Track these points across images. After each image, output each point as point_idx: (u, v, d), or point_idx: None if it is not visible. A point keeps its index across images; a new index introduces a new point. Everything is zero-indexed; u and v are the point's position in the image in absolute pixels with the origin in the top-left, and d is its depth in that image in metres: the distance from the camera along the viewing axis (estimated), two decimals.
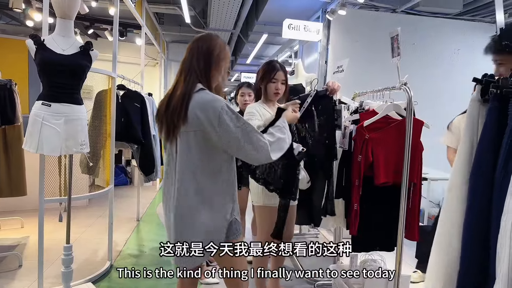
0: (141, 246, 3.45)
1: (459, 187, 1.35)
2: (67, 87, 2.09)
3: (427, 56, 4.65)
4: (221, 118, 1.33)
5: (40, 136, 2.02)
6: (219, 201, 1.43)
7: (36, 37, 2.04)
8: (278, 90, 2.09)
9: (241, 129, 1.34)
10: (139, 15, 4.38)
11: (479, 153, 1.27)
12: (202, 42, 1.44)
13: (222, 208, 1.43)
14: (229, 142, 1.35)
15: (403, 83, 1.82)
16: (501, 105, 1.23)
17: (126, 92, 3.49)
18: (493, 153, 1.22)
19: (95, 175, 3.00)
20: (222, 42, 1.48)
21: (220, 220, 1.43)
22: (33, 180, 2.57)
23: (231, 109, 1.37)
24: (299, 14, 4.85)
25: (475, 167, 1.28)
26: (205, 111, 1.34)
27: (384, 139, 1.92)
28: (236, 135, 1.33)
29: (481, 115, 1.32)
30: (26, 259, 2.89)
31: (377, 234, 2.02)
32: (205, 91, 1.40)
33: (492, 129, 1.23)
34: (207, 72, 1.42)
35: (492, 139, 1.23)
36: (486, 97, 1.31)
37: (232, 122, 1.34)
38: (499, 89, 1.24)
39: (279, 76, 2.09)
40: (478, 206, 1.24)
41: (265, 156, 1.37)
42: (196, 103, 1.36)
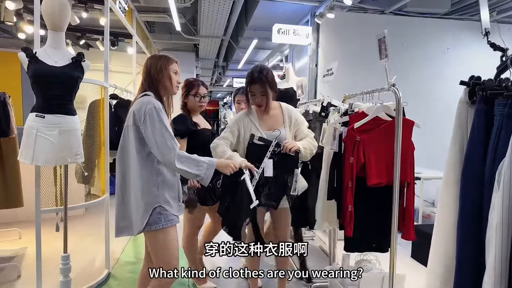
0: (138, 253, 3.46)
1: (452, 185, 1.40)
2: (60, 98, 2.12)
3: (417, 56, 4.72)
4: (145, 117, 1.65)
5: (35, 148, 2.04)
6: (143, 187, 1.69)
7: (28, 49, 2.07)
8: (255, 103, 2.07)
9: (158, 131, 1.63)
10: (130, 24, 4.42)
11: (468, 153, 1.31)
12: (144, 65, 1.83)
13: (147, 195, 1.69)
14: (147, 139, 1.66)
15: (391, 84, 1.84)
16: (487, 107, 1.28)
17: (119, 101, 3.53)
18: (481, 153, 1.27)
19: (90, 184, 3.02)
20: (156, 57, 1.82)
21: (143, 205, 1.68)
22: (30, 191, 2.59)
23: (158, 112, 1.66)
24: (288, 19, 4.91)
25: (465, 167, 1.32)
26: (138, 110, 1.68)
27: (375, 140, 1.94)
28: (151, 135, 1.64)
29: (470, 116, 1.36)
30: (25, 269, 2.89)
31: (371, 235, 2.04)
32: (146, 96, 1.73)
33: (480, 130, 1.28)
34: (153, 83, 1.77)
35: (480, 139, 1.28)
36: (474, 98, 1.34)
37: (151, 124, 1.64)
38: (484, 91, 1.28)
39: (255, 89, 2.04)
40: (470, 204, 1.29)
41: (170, 159, 1.63)
42: (135, 105, 1.72)
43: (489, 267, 1.13)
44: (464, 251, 1.31)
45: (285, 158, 1.99)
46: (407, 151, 1.89)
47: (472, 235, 1.28)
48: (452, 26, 4.87)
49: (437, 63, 4.79)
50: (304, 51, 5.01)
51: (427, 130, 2.12)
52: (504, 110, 1.21)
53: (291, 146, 1.96)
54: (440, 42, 4.82)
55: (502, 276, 1.11)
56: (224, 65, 9.61)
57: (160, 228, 1.70)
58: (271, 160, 1.96)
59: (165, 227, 1.71)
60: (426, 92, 4.60)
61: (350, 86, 2.76)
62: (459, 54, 4.83)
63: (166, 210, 1.72)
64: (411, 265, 3.16)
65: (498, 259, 1.10)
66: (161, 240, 1.72)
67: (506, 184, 1.10)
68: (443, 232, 1.45)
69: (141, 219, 1.68)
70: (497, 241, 1.11)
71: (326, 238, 3.50)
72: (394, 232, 1.86)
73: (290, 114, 2.15)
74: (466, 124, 1.39)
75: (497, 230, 1.11)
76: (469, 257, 1.29)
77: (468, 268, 1.29)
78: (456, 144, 1.41)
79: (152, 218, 1.68)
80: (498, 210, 1.11)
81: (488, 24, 2.98)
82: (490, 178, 1.21)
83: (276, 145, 1.98)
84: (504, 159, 1.13)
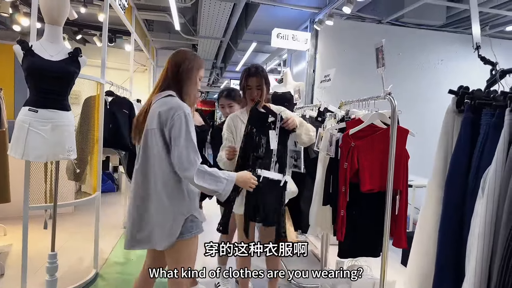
0: (127, 253, 3.41)
1: (435, 192, 1.43)
2: (54, 93, 2.08)
3: (412, 65, 4.80)
4: (173, 122, 1.52)
5: (26, 142, 2.00)
6: (173, 195, 1.57)
7: (24, 42, 2.03)
8: (251, 97, 2.11)
9: (183, 143, 1.51)
10: (129, 21, 4.39)
11: (454, 160, 1.33)
12: (173, 57, 1.67)
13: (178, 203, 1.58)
14: (171, 144, 1.54)
15: (387, 93, 1.86)
16: (475, 116, 1.30)
17: (115, 98, 3.48)
18: (466, 161, 1.29)
19: (82, 181, 2.97)
20: (190, 54, 1.68)
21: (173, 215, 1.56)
22: (17, 187, 2.53)
23: (187, 119, 1.54)
24: (287, 24, 4.93)
25: (450, 174, 1.34)
26: (165, 113, 1.54)
27: (370, 147, 1.95)
28: (174, 144, 1.52)
29: (456, 124, 1.39)
30: (9, 268, 2.82)
31: (363, 241, 2.04)
32: (172, 97, 1.59)
33: (466, 138, 1.30)
34: (179, 82, 1.62)
35: (466, 147, 1.30)
36: (461, 108, 1.37)
37: (178, 132, 1.51)
38: (473, 100, 1.31)
39: (251, 82, 2.10)
40: (452, 211, 1.31)
41: (189, 175, 1.51)
42: (160, 105, 1.57)
43: (469, 274, 1.14)
44: (445, 256, 1.32)
45: (283, 133, 2.00)
46: (400, 159, 1.91)
47: (453, 241, 1.29)
48: (446, 38, 4.95)
49: (432, 73, 4.86)
50: (302, 57, 5.03)
51: (420, 139, 2.14)
52: (491, 120, 1.22)
53: (292, 123, 1.99)
54: (435, 53, 4.90)
55: (482, 283, 1.11)
56: (222, 66, 9.60)
57: (191, 237, 1.60)
58: (274, 131, 1.96)
59: (194, 236, 1.62)
60: (420, 101, 4.65)
61: (346, 92, 2.78)
62: (453, 65, 4.91)
63: (197, 218, 1.63)
64: (401, 271, 3.14)
65: (478, 266, 1.11)
66: (188, 250, 1.62)
67: (491, 192, 1.11)
68: (423, 236, 1.48)
69: (170, 230, 1.56)
70: (478, 248, 1.11)
71: (318, 242, 3.51)
72: (386, 239, 1.87)
73: (282, 113, 2.13)
74: (452, 132, 1.42)
75: (479, 237, 1.11)
76: (449, 262, 1.30)
77: (448, 273, 1.30)
78: (441, 151, 1.44)
79: (185, 227, 1.57)
80: (481, 217, 1.12)
81: (479, 38, 3.04)
82: (474, 185, 1.22)
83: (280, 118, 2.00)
84: (489, 167, 1.14)
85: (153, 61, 7.47)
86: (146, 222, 1.60)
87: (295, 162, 2.14)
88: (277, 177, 1.96)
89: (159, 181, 1.57)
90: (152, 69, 7.48)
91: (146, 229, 1.60)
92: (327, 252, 2.76)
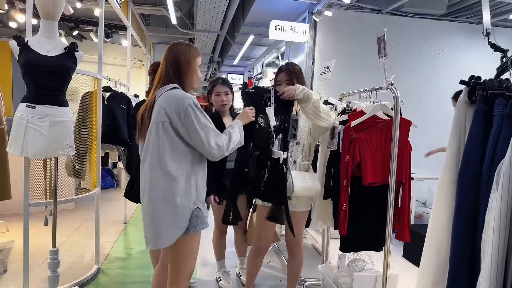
0: (128, 249, 3.42)
1: (448, 185, 1.38)
2: (51, 88, 2.06)
3: (413, 56, 4.74)
4: (187, 113, 1.54)
5: (25, 139, 1.99)
6: (179, 188, 1.57)
7: (20, 38, 2.01)
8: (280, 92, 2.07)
9: (203, 127, 1.55)
10: (125, 16, 4.35)
11: (467, 153, 1.29)
12: (169, 52, 1.68)
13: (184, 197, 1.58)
14: (190, 135, 1.56)
15: (390, 83, 1.82)
16: (487, 107, 1.26)
17: (112, 94, 3.46)
18: (480, 153, 1.25)
19: (81, 177, 2.96)
20: (185, 46, 1.70)
21: (179, 209, 1.57)
22: (18, 184, 2.53)
23: (197, 107, 1.57)
24: (285, 15, 4.88)
25: (463, 167, 1.31)
26: (174, 105, 1.55)
27: (372, 139, 1.92)
28: (197, 131, 1.54)
29: (468, 116, 1.35)
30: (12, 264, 2.83)
31: (366, 234, 2.01)
32: (177, 89, 1.62)
33: (479, 130, 1.26)
34: (181, 76, 1.65)
35: (479, 139, 1.26)
36: (473, 98, 1.33)
37: (196, 119, 1.54)
38: (485, 90, 1.27)
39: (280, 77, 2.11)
40: (466, 205, 1.27)
41: (220, 154, 1.61)
42: (166, 98, 1.58)
43: (484, 269, 1.12)
44: (459, 252, 1.29)
45: (282, 106, 1.96)
46: (403, 151, 1.87)
47: (467, 236, 1.26)
48: (448, 28, 4.90)
49: (432, 64, 4.82)
50: (300, 49, 4.99)
51: (421, 130, 2.11)
52: (504, 110, 1.19)
53: (289, 92, 1.90)
54: (436, 43, 4.85)
55: (498, 278, 1.10)
56: (220, 60, 9.55)
57: (196, 232, 1.60)
58: (270, 108, 1.93)
59: (199, 231, 1.62)
60: (421, 92, 4.63)
61: (346, 84, 2.75)
62: (454, 55, 4.87)
63: (202, 212, 1.63)
64: (403, 264, 3.19)
65: (494, 262, 1.09)
66: (190, 246, 1.62)
67: (505, 185, 1.09)
68: (436, 232, 1.44)
69: (177, 225, 1.56)
70: (493, 243, 1.09)
71: (319, 236, 3.51)
72: (388, 232, 1.85)
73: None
74: (464, 124, 1.38)
75: (494, 232, 1.09)
76: (463, 258, 1.28)
77: (462, 269, 1.28)
78: (454, 143, 1.40)
79: (191, 222, 1.57)
80: (496, 211, 1.10)
81: (489, 24, 2.98)
82: (488, 178, 1.20)
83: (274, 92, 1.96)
84: (504, 160, 1.11)
85: (150, 56, 7.42)
86: (150, 218, 1.59)
87: (294, 131, 2.05)
88: (277, 155, 1.90)
89: (166, 175, 1.56)
90: (149, 64, 7.44)
91: (150, 226, 1.59)
92: (328, 246, 2.75)
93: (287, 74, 2.09)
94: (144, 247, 3.25)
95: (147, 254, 1.97)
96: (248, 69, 10.51)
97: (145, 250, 2.74)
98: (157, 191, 1.57)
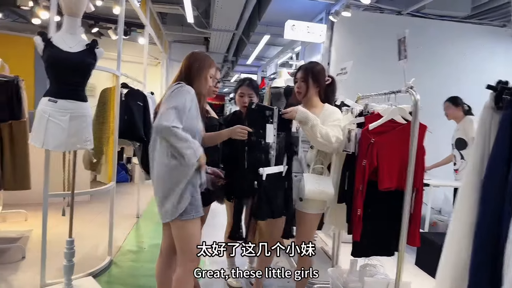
0: (140, 242, 3.49)
1: (470, 193, 1.32)
2: (73, 84, 2.13)
3: (432, 59, 4.58)
4: (172, 92, 1.74)
5: (46, 132, 2.06)
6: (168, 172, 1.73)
7: (44, 34, 2.08)
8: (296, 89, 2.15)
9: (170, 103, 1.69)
10: (143, 14, 4.43)
11: (493, 159, 1.25)
12: (186, 58, 1.89)
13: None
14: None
15: (409, 87, 1.79)
16: None
17: (129, 91, 3.54)
18: (506, 162, 1.20)
19: (97, 171, 3.04)
20: (201, 55, 1.91)
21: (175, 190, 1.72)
22: (37, 175, 2.62)
23: (183, 90, 1.74)
24: (302, 16, 4.87)
25: (488, 174, 1.26)
26: (169, 90, 1.78)
27: (389, 143, 1.89)
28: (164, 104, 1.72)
29: (494, 122, 1.29)
30: (29, 251, 2.93)
31: (378, 240, 1.99)
32: (180, 84, 1.78)
33: (505, 138, 1.21)
34: (191, 80, 1.84)
35: (505, 147, 1.21)
36: (499, 104, 1.27)
37: (172, 95, 1.72)
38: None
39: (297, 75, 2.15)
40: (489, 216, 1.23)
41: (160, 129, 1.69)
42: (169, 90, 1.78)
43: (507, 285, 1.08)
44: (480, 264, 1.24)
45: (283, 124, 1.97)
46: (418, 156, 1.85)
47: (490, 248, 1.21)
48: (471, 31, 4.73)
49: (453, 67, 4.64)
50: (316, 49, 4.98)
51: (439, 136, 2.07)
52: None
53: (290, 114, 1.91)
54: (458, 46, 4.66)
55: None
56: (234, 60, 9.59)
57: (191, 219, 1.76)
58: (272, 125, 1.93)
59: (194, 219, 1.77)
60: (440, 96, 4.52)
61: (363, 86, 2.72)
62: (477, 59, 4.66)
63: (197, 201, 1.77)
64: (415, 272, 3.11)
65: None
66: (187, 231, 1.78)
67: None
68: (456, 240, 1.36)
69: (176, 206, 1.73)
70: None
71: (328, 239, 3.48)
72: (403, 238, 1.83)
73: (325, 113, 2.05)
74: (489, 130, 1.30)
75: None
76: (485, 271, 1.22)
77: (483, 280, 1.23)
78: (478, 150, 1.33)
79: (184, 210, 1.73)
80: None
81: None
82: None
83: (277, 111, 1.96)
84: None
85: (166, 55, 7.51)
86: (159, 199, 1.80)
87: (295, 148, 2.06)
88: (278, 170, 1.93)
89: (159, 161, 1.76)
90: (165, 62, 7.52)
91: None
92: (338, 250, 2.70)
93: (303, 71, 2.11)
94: (155, 241, 3.32)
95: (158, 248, 2.02)
96: (261, 69, 10.52)
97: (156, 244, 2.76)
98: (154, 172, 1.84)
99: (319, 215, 2.13)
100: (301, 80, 2.10)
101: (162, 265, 1.96)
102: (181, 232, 1.77)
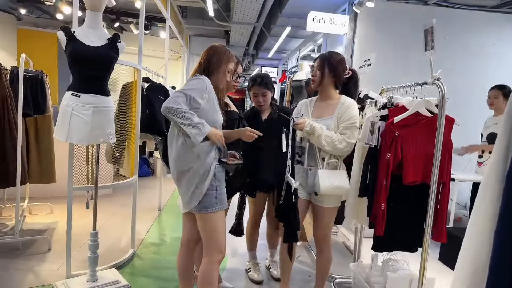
0: (162, 235, 3.53)
1: (493, 184, 1.29)
2: (95, 78, 2.14)
3: (460, 50, 4.45)
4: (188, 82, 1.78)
5: (70, 126, 2.08)
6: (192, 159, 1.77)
7: (67, 29, 2.09)
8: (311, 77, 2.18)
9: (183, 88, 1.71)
10: (164, 8, 4.43)
11: None
12: (206, 51, 1.87)
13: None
14: None
15: (436, 78, 1.73)
16: None
17: (151, 85, 3.55)
18: None
19: (120, 165, 3.07)
20: (221, 49, 1.87)
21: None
22: (62, 168, 2.67)
23: (198, 80, 1.74)
24: (324, 7, 4.75)
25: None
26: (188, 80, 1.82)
27: (414, 136, 1.86)
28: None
29: None
30: (55, 243, 3.01)
31: (401, 235, 1.97)
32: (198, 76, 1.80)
33: None
34: (209, 73, 1.83)
35: None
36: None
37: (188, 83, 1.76)
38: None
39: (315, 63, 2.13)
40: None
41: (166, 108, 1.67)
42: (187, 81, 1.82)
43: None
44: (501, 260, 1.19)
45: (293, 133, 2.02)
46: (445, 150, 1.81)
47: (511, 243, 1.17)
48: (500, 20, 4.54)
49: (482, 58, 4.50)
50: (338, 41, 4.85)
51: (467, 129, 1.99)
52: None
53: (300, 125, 1.97)
54: (486, 36, 4.51)
55: None
56: (254, 53, 9.52)
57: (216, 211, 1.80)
58: (287, 135, 1.99)
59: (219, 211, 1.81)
60: (467, 88, 4.33)
61: (387, 78, 2.64)
62: (506, 50, 4.50)
63: (221, 194, 1.82)
64: (438, 268, 3.04)
65: None
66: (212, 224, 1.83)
67: None
68: (475, 235, 1.34)
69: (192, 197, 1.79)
70: None
71: (350, 234, 3.42)
72: (427, 234, 1.79)
73: (342, 108, 2.05)
74: None
75: None
76: (506, 266, 1.18)
77: (504, 277, 1.18)
78: (503, 141, 1.29)
79: (209, 202, 1.77)
80: None
81: None
82: None
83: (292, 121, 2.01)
84: None
85: (187, 49, 7.53)
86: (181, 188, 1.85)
87: (299, 158, 2.10)
88: (293, 183, 1.93)
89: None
90: (185, 56, 7.55)
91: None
92: (360, 245, 2.68)
93: (320, 60, 2.10)
94: (177, 234, 3.34)
95: (180, 241, 2.03)
96: (282, 62, 10.40)
97: (178, 237, 2.79)
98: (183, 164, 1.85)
99: (336, 208, 2.15)
100: (317, 68, 2.10)
101: (183, 258, 1.99)
102: (207, 224, 1.81)
